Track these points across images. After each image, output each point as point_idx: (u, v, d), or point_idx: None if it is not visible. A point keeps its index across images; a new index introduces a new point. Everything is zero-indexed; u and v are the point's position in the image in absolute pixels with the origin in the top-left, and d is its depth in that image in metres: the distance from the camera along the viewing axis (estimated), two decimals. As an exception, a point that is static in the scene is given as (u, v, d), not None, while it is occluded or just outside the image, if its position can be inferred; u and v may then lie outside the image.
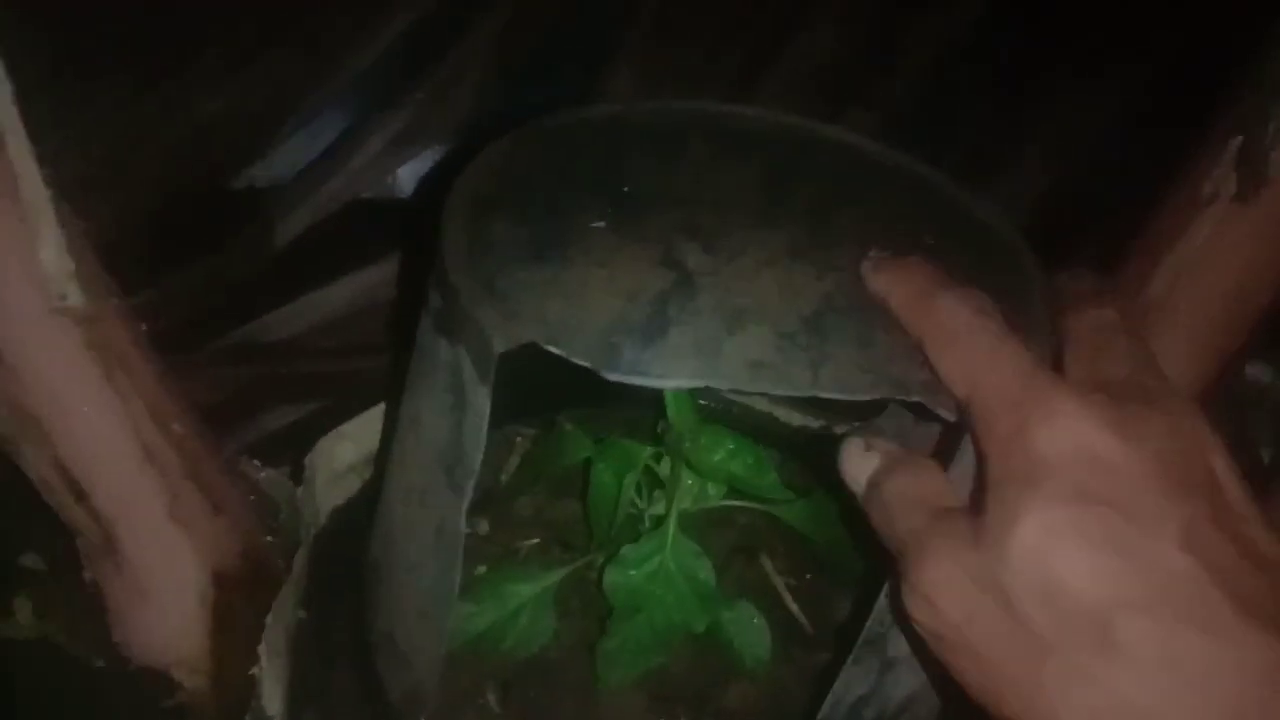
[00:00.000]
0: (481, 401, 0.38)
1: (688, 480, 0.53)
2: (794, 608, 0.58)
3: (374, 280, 0.79)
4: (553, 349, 0.36)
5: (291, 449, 0.65)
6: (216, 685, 0.51)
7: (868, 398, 0.36)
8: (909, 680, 0.44)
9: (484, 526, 0.59)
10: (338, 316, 0.75)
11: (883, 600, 0.39)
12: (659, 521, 0.54)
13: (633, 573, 0.50)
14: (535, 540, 0.59)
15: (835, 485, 0.63)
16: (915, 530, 0.34)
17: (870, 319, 0.38)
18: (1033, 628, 0.31)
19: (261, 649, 0.49)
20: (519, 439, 0.65)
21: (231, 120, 0.87)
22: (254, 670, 0.49)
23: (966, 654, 0.33)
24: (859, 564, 0.59)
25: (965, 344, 0.35)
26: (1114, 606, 0.30)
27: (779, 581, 0.59)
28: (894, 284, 0.38)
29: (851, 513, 0.62)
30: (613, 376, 0.36)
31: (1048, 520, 0.31)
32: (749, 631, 0.53)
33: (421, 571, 0.45)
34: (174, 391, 0.49)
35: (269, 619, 0.50)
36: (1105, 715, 0.30)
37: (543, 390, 0.65)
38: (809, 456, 0.67)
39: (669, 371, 0.36)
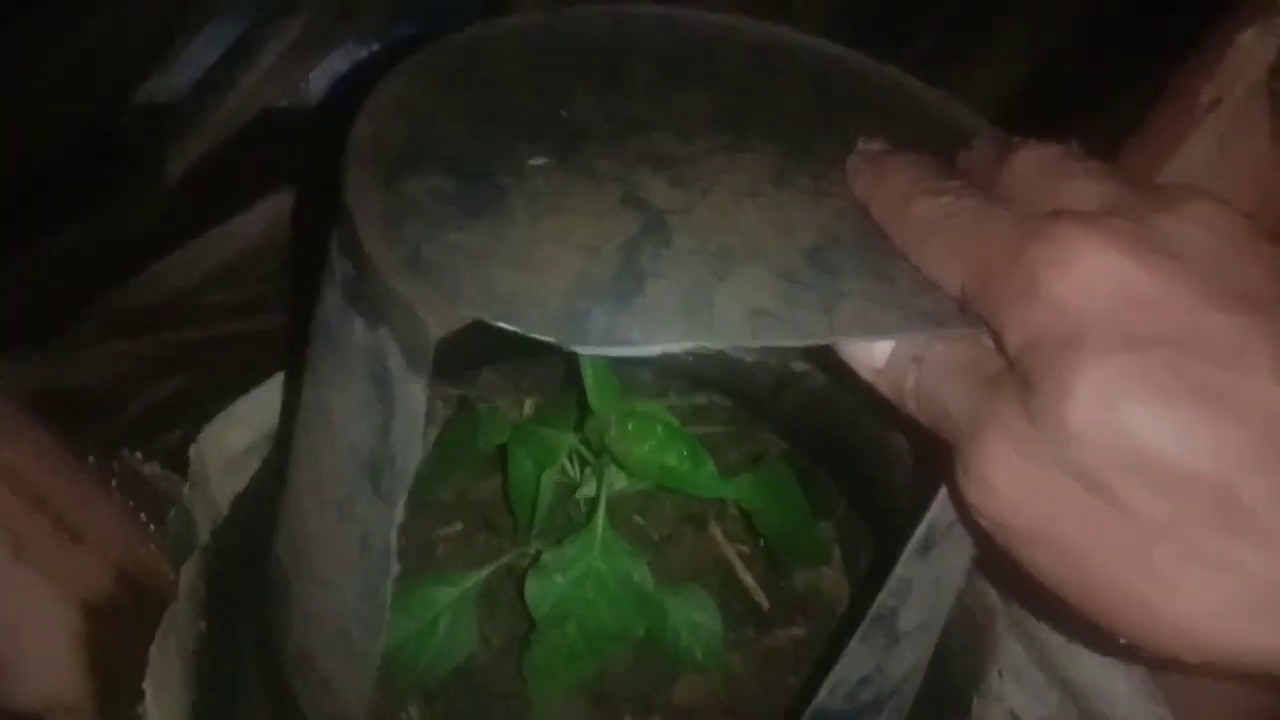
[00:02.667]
0: (415, 399, 0.32)
1: (618, 463, 0.47)
2: (748, 580, 0.53)
3: (264, 223, 0.71)
4: (505, 325, 0.30)
5: (180, 422, 0.59)
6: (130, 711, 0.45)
7: (898, 338, 0.30)
8: (911, 655, 0.39)
9: (399, 513, 0.53)
10: (230, 265, 0.67)
11: (900, 568, 0.34)
12: (593, 504, 0.48)
13: (558, 579, 0.45)
14: (458, 527, 0.53)
15: (791, 433, 0.58)
16: (966, 408, 0.28)
17: (881, 247, 0.32)
18: (1131, 508, 0.25)
19: (146, 684, 0.44)
20: (438, 403, 0.58)
21: (119, 38, 0.76)
22: (139, 710, 0.43)
23: (1045, 547, 0.27)
24: (817, 534, 0.54)
25: (946, 229, 0.29)
26: (1229, 468, 0.24)
27: (730, 551, 0.54)
28: (873, 189, 0.33)
29: (811, 467, 0.58)
30: (585, 350, 0.30)
31: (1105, 380, 0.25)
32: (698, 621, 0.48)
33: (343, 589, 0.38)
34: (3, 410, 0.42)
35: (153, 647, 0.45)
36: (1241, 602, 0.25)
37: (463, 344, 0.58)
38: (765, 398, 0.61)
39: (653, 335, 0.30)
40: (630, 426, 0.44)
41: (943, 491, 0.32)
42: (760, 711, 0.48)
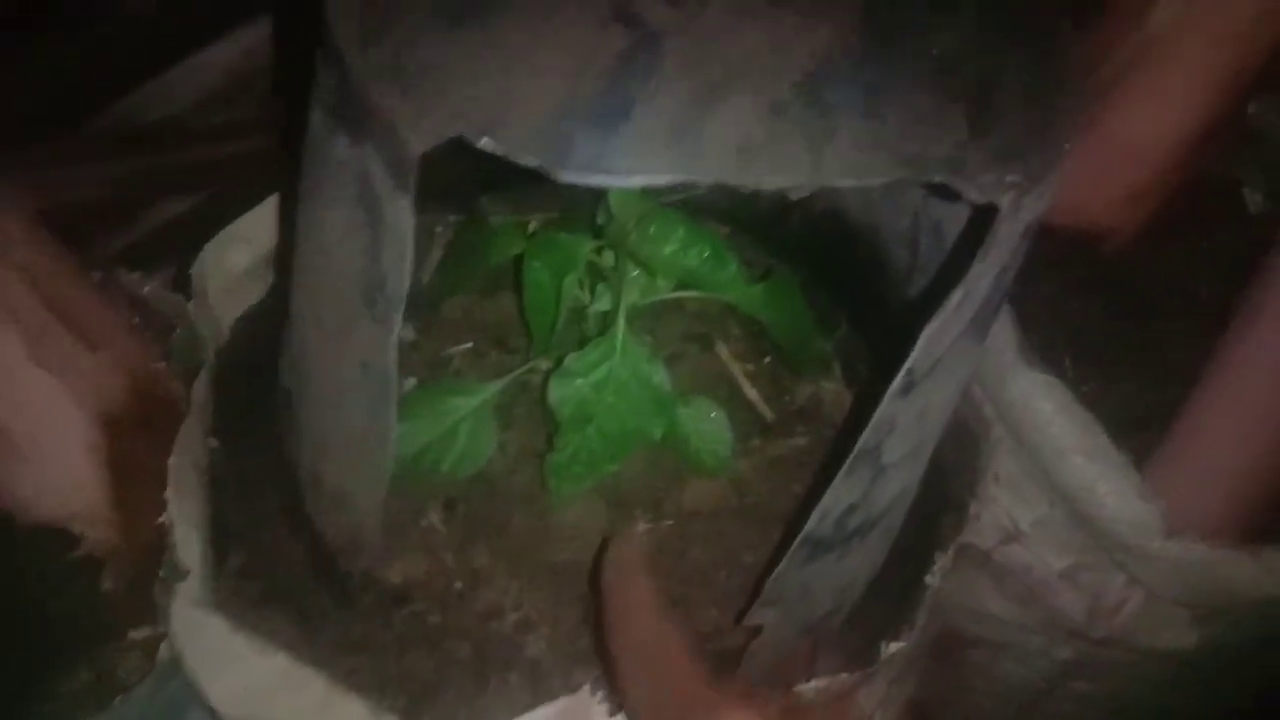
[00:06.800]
0: (402, 218, 0.31)
1: (634, 272, 0.47)
2: (753, 394, 0.54)
3: (259, 40, 0.68)
4: (487, 145, 0.29)
5: (178, 249, 0.57)
6: (127, 533, 0.45)
7: (881, 182, 0.30)
8: (897, 483, 0.41)
9: (409, 333, 0.53)
10: (219, 87, 0.65)
11: (883, 408, 0.35)
12: (604, 319, 0.49)
13: (580, 382, 0.45)
14: (468, 345, 0.53)
15: (793, 258, 0.59)
16: None
17: (876, 78, 0.31)
18: None
19: (168, 493, 0.44)
20: (439, 229, 0.57)
21: None
22: (161, 520, 0.43)
23: None
24: (821, 344, 0.55)
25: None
26: None
27: (736, 368, 0.54)
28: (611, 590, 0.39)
29: (812, 289, 0.58)
30: (567, 177, 0.29)
31: None
32: (708, 429, 0.49)
33: (348, 409, 0.39)
34: (16, 202, 0.40)
35: (172, 459, 0.45)
36: None
37: (461, 169, 0.57)
38: (762, 228, 0.61)
39: (638, 165, 0.29)
40: (653, 229, 0.44)
41: (925, 333, 0.32)
42: (766, 514, 0.50)
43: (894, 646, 0.46)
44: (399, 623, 0.45)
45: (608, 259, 0.48)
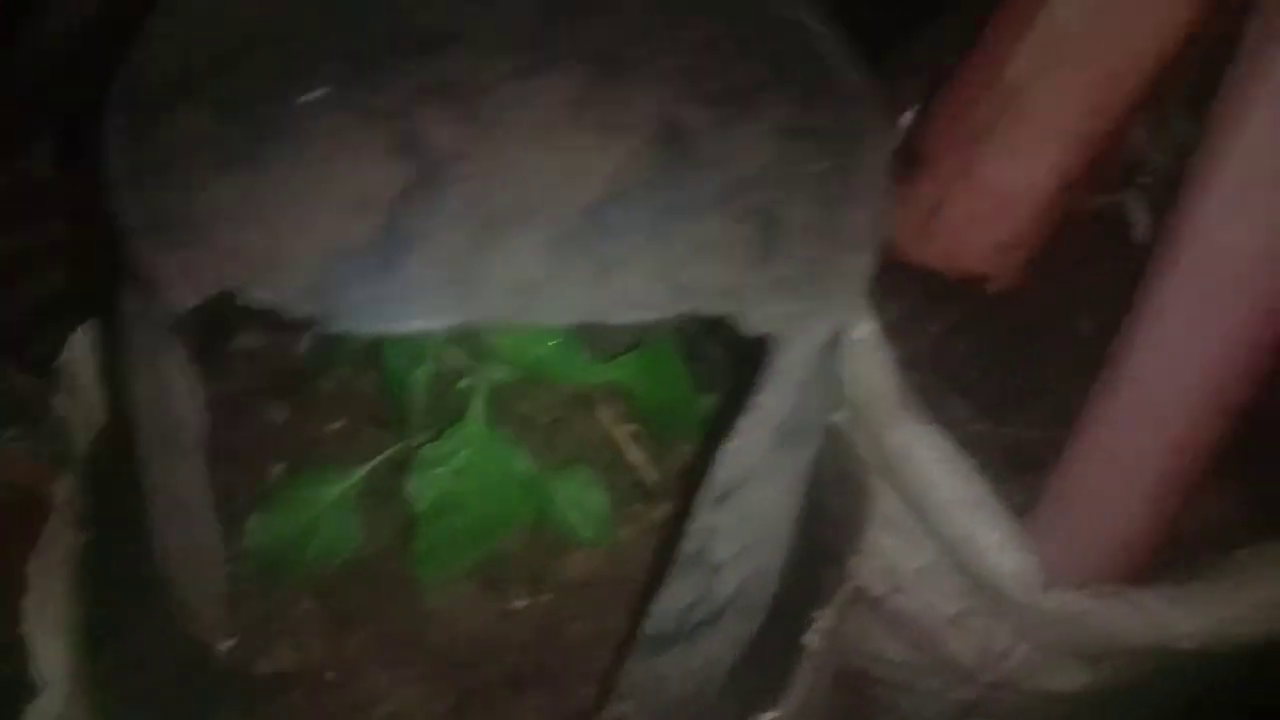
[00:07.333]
0: (175, 373, 0.30)
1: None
2: (635, 457, 0.54)
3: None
4: (255, 300, 0.28)
5: (59, 323, 0.56)
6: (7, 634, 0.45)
7: (659, 317, 0.30)
8: (737, 575, 0.40)
9: (282, 412, 0.52)
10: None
11: (698, 519, 0.35)
12: (469, 397, 0.48)
13: (439, 471, 0.45)
14: (341, 423, 0.52)
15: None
16: None
17: (665, 201, 0.31)
18: None
19: (26, 602, 0.44)
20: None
21: None
22: (20, 630, 0.43)
23: None
24: (698, 407, 0.54)
25: None
26: None
27: (619, 431, 0.54)
28: None
29: (700, 343, 0.58)
30: (340, 328, 0.28)
31: None
32: (585, 501, 0.49)
33: (174, 528, 0.38)
34: None
35: (31, 563, 0.44)
36: None
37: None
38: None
39: (414, 311, 0.29)
40: (499, 319, 0.43)
41: (724, 451, 0.32)
42: (647, 581, 0.50)
43: (769, 716, 0.46)
44: (269, 717, 0.45)
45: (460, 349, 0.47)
